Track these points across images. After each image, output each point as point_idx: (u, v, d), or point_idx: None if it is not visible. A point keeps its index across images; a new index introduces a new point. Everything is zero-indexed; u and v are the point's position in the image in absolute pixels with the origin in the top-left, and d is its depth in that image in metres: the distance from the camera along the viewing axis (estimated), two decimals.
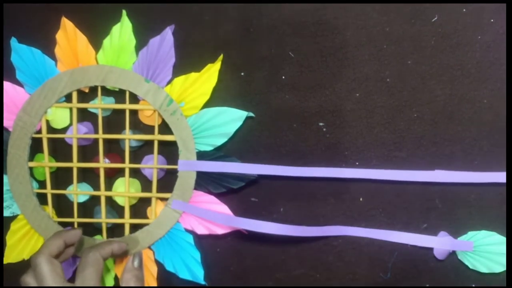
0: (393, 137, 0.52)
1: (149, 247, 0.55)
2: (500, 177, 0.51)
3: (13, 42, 0.55)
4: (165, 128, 0.54)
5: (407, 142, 0.52)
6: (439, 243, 0.52)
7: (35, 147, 0.55)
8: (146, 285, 0.54)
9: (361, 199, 0.53)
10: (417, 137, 0.52)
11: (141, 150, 0.56)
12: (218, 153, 0.53)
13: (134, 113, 0.55)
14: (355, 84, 0.52)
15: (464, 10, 0.50)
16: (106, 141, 0.55)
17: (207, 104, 0.53)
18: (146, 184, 0.56)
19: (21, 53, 0.54)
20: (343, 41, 0.52)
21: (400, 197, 0.52)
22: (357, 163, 0.52)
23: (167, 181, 0.55)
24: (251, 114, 0.53)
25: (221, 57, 0.53)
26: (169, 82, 0.53)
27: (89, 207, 0.57)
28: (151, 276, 0.54)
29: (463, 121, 0.51)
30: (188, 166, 0.53)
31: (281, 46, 0.53)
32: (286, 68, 0.53)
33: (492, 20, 0.50)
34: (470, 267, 0.52)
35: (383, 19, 0.51)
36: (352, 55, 0.52)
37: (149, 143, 0.55)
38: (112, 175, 0.56)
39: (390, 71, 0.51)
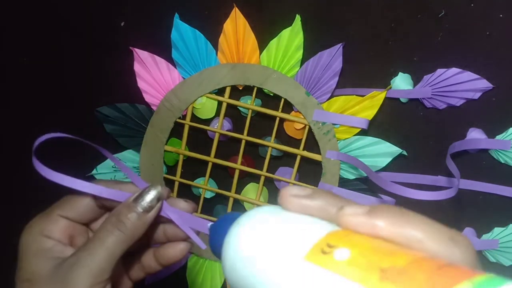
0: (398, 136, 0.51)
1: None
2: (507, 191, 0.50)
3: (176, 19, 0.50)
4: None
5: (413, 141, 0.51)
6: None
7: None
8: None
9: None
10: (422, 136, 0.51)
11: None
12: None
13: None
14: (360, 80, 0.51)
15: (472, 4, 0.48)
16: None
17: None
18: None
19: (183, 32, 0.50)
20: (348, 37, 0.50)
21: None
22: None
23: None
24: (405, 153, 0.50)
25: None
26: (328, 99, 0.50)
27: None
28: None
29: (471, 119, 0.50)
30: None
31: None
32: None
33: (501, 15, 0.48)
34: (493, 260, 0.51)
35: (388, 14, 0.50)
36: (357, 51, 0.51)
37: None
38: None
39: (396, 68, 0.50)
